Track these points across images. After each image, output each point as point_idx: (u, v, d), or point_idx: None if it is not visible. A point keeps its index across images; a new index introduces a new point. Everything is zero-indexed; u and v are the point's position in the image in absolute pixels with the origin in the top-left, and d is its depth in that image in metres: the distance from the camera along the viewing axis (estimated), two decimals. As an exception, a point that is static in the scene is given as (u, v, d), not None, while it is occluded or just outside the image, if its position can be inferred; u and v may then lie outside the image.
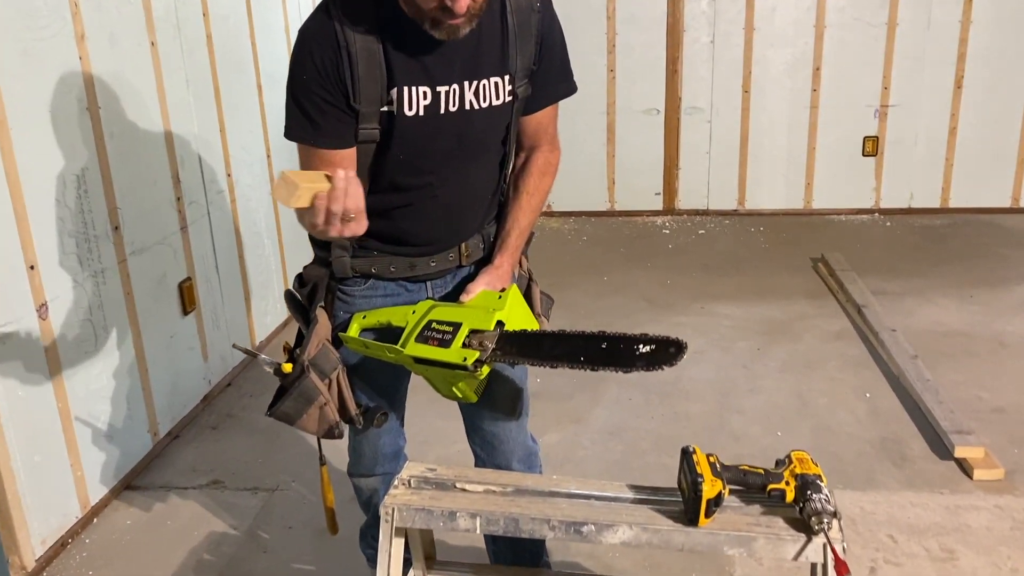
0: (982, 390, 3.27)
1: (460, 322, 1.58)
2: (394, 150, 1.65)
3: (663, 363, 1.48)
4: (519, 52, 1.67)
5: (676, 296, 4.34)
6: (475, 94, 1.65)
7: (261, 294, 3.86)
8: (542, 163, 1.80)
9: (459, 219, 1.79)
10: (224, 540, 2.58)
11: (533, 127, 1.79)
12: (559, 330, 1.60)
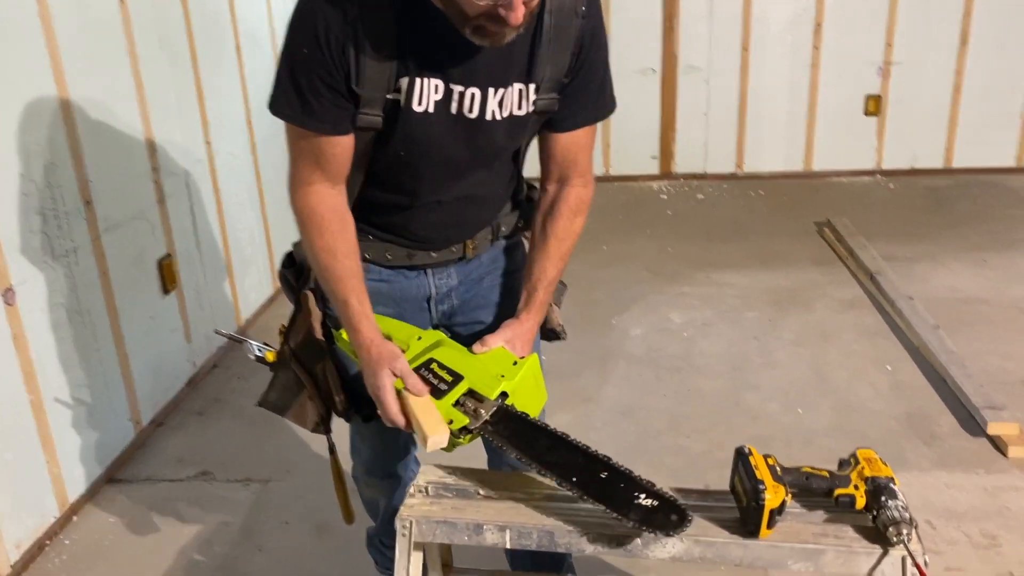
0: (1006, 360, 3.14)
1: (462, 376, 1.43)
2: (395, 145, 1.46)
3: (658, 528, 1.29)
4: (551, 60, 1.44)
5: (679, 265, 4.17)
6: (499, 103, 1.45)
7: (246, 270, 3.65)
8: (574, 202, 1.57)
9: (465, 221, 1.62)
10: (216, 538, 2.40)
11: (562, 153, 1.56)
12: (563, 433, 1.41)
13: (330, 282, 1.49)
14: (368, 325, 1.48)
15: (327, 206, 1.47)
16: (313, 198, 1.47)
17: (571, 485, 1.36)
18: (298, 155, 1.47)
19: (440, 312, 1.68)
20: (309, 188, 1.46)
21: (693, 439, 2.75)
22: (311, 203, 1.47)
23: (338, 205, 1.49)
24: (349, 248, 1.49)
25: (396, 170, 1.50)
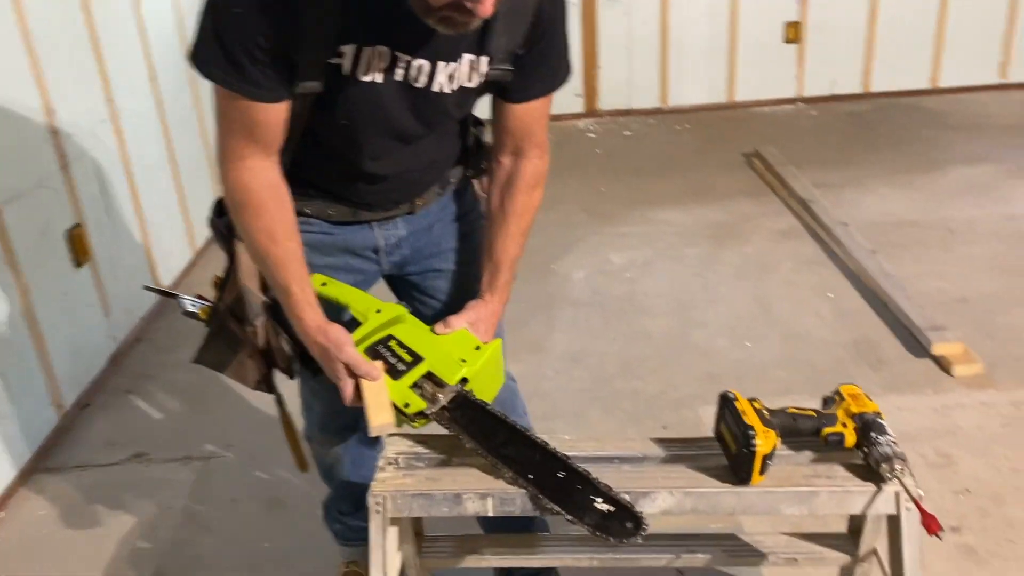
0: (942, 280, 3.19)
1: (422, 357, 1.38)
2: (337, 114, 1.34)
3: (612, 534, 1.24)
4: (505, 32, 1.33)
5: (614, 204, 4.10)
6: (448, 76, 1.34)
7: (162, 235, 3.43)
8: (531, 177, 1.49)
9: (411, 184, 1.53)
10: (159, 522, 2.26)
11: (517, 125, 1.46)
12: (523, 427, 1.35)
13: (269, 268, 1.38)
14: (312, 313, 1.39)
15: (263, 183, 1.35)
16: (247, 174, 1.34)
17: (527, 482, 1.30)
18: (228, 124, 1.32)
19: (390, 263, 1.60)
20: (242, 163, 1.33)
21: (646, 381, 2.72)
22: (244, 180, 1.34)
23: (274, 180, 1.37)
24: (289, 229, 1.38)
25: (338, 137, 1.39)
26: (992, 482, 2.17)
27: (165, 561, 2.12)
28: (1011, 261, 3.31)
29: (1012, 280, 3.16)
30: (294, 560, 2.09)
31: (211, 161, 3.96)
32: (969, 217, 3.70)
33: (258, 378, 1.59)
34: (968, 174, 4.15)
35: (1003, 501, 2.11)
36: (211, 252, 3.85)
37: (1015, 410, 2.44)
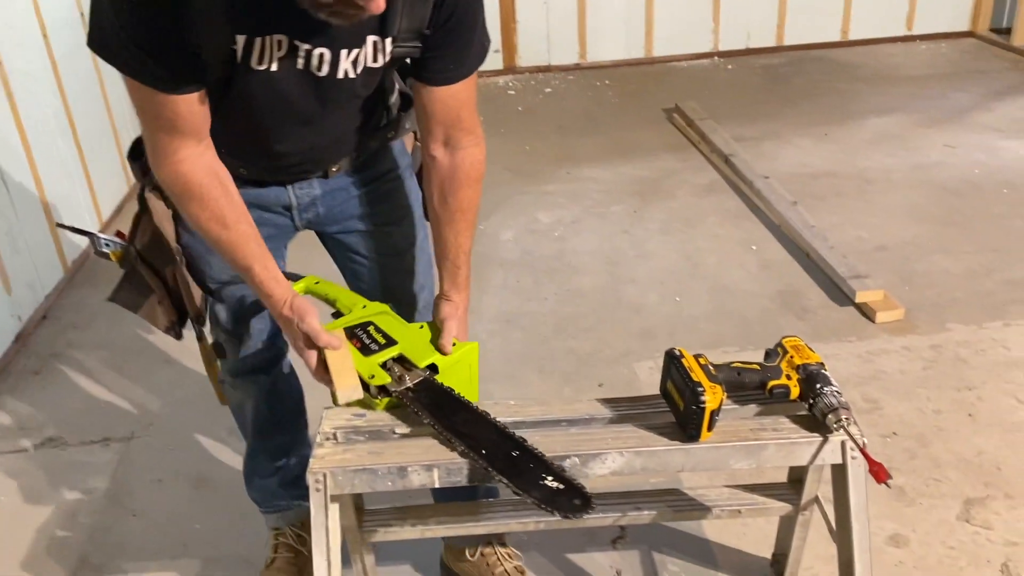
0: (860, 229, 3.26)
1: (396, 341, 1.41)
2: (235, 100, 1.28)
3: (559, 509, 1.22)
4: (407, 13, 1.27)
5: (538, 163, 4.06)
6: (352, 62, 1.28)
7: (65, 205, 3.23)
8: (471, 170, 1.44)
9: (322, 157, 1.47)
10: (80, 508, 2.15)
11: (442, 111, 1.39)
12: (484, 411, 1.34)
13: (227, 252, 1.35)
14: (279, 288, 1.36)
15: (201, 171, 1.29)
16: (183, 167, 1.28)
17: (479, 456, 1.28)
18: (151, 121, 1.25)
19: (304, 220, 1.55)
20: (174, 157, 1.28)
21: (580, 339, 2.70)
22: (182, 172, 1.29)
23: (211, 165, 1.31)
24: (238, 212, 1.33)
25: (242, 121, 1.33)
26: (917, 424, 2.24)
27: (88, 549, 2.02)
28: (925, 209, 3.40)
29: (927, 228, 3.26)
30: (225, 540, 2.02)
31: (115, 126, 3.75)
32: (884, 167, 3.79)
33: (167, 324, 1.59)
34: (881, 125, 4.25)
35: (928, 442, 2.17)
36: (121, 220, 3.66)
37: (935, 353, 2.52)
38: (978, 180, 3.60)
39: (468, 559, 1.79)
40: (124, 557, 1.99)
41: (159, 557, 1.98)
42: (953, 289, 2.85)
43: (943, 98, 4.55)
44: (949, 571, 1.80)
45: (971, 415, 2.26)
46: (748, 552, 1.89)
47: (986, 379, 2.39)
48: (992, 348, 2.53)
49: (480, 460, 1.26)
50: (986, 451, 2.13)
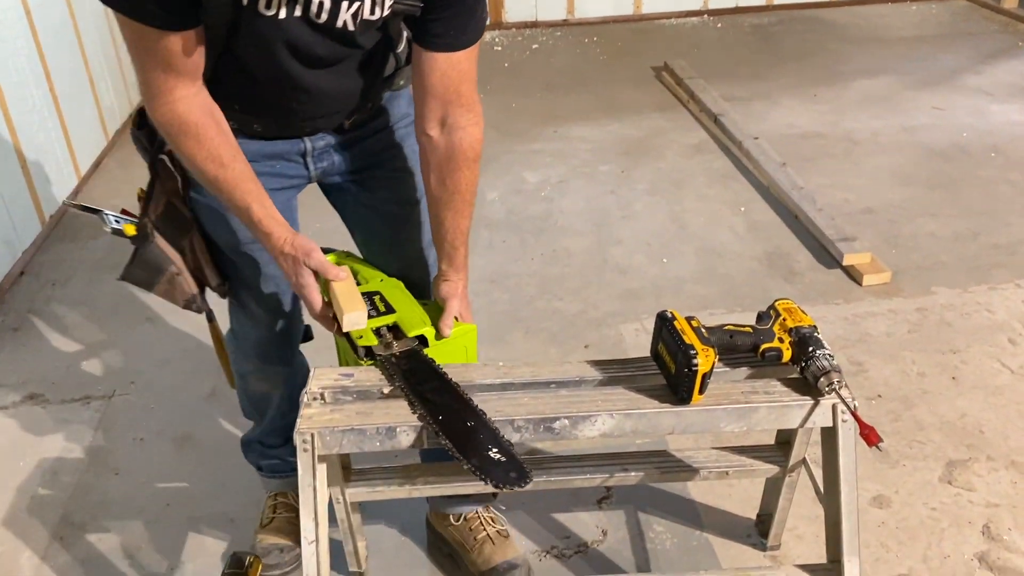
0: (848, 192, 3.25)
1: (395, 310, 1.45)
2: (243, 49, 1.25)
3: (492, 478, 1.20)
4: None
5: (525, 121, 4.01)
6: (352, 15, 1.24)
7: (42, 159, 3.16)
8: (470, 150, 1.40)
9: (334, 110, 1.43)
10: (61, 467, 2.13)
11: (442, 82, 1.33)
12: (457, 384, 1.33)
13: (223, 192, 1.32)
14: (278, 227, 1.34)
15: (197, 110, 1.26)
16: (180, 106, 1.25)
17: (434, 421, 1.26)
18: (145, 59, 1.22)
19: (319, 169, 1.52)
20: (170, 96, 1.25)
21: (566, 300, 2.69)
22: (179, 112, 1.26)
23: (207, 104, 1.28)
24: (234, 150, 1.30)
25: (254, 67, 1.29)
26: (901, 387, 2.25)
27: (71, 507, 2.00)
28: (912, 171, 3.39)
29: (914, 190, 3.25)
30: (208, 499, 2.00)
31: (92, 77, 3.66)
32: (872, 129, 3.77)
33: (188, 297, 1.53)
34: (869, 86, 4.22)
35: (912, 404, 2.18)
36: (100, 175, 3.59)
37: (920, 316, 2.53)
38: (966, 143, 3.59)
39: (452, 523, 1.79)
40: (107, 515, 1.97)
41: (142, 516, 1.97)
42: (939, 252, 2.85)
43: (933, 60, 4.52)
44: (931, 532, 1.82)
45: (955, 378, 2.27)
46: (733, 513, 1.90)
47: (970, 342, 2.40)
48: (977, 312, 2.54)
49: (433, 424, 1.26)
50: (969, 414, 2.14)
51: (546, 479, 1.62)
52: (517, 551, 1.76)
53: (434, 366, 1.36)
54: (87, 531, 1.93)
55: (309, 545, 1.30)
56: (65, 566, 1.84)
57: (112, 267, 2.92)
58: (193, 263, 1.52)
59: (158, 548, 1.88)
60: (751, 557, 1.79)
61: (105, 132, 3.78)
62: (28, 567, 1.84)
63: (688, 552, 1.81)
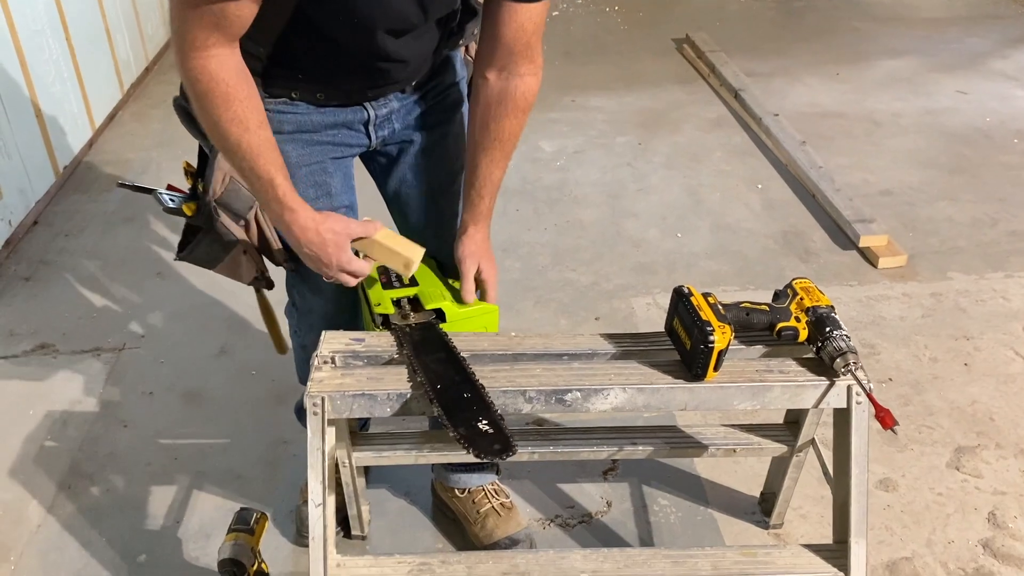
0: (867, 173, 3.22)
1: (418, 284, 1.48)
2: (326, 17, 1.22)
3: (476, 448, 1.19)
4: None
5: (543, 89, 3.86)
6: None
7: (57, 110, 3.15)
8: (522, 99, 1.38)
9: (412, 66, 1.39)
10: (70, 418, 2.14)
11: (514, 34, 1.30)
12: (463, 357, 1.31)
13: (246, 159, 1.25)
14: (303, 205, 1.29)
15: (230, 70, 1.21)
16: (213, 63, 1.20)
17: (432, 389, 1.25)
18: (191, 15, 1.17)
19: (380, 137, 1.49)
20: (206, 52, 1.19)
21: (579, 272, 2.68)
22: (211, 69, 1.20)
23: (240, 67, 1.23)
24: (261, 117, 1.25)
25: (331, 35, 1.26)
26: (913, 371, 2.23)
27: (79, 457, 2.01)
28: (933, 155, 3.35)
29: (933, 173, 3.21)
30: (216, 454, 2.01)
31: (109, 28, 3.63)
32: (894, 110, 3.72)
33: (256, 274, 1.51)
34: (893, 67, 4.16)
35: (923, 389, 2.17)
36: (114, 128, 3.58)
37: (935, 301, 2.51)
38: (989, 128, 3.54)
39: (457, 495, 1.79)
40: (114, 467, 1.98)
41: (149, 469, 1.98)
42: (956, 237, 2.82)
43: (958, 42, 4.45)
44: (936, 517, 1.82)
45: (967, 364, 2.25)
46: (737, 490, 1.90)
47: (984, 329, 2.38)
48: (992, 299, 2.51)
49: (430, 392, 1.25)
50: (980, 400, 2.13)
51: (553, 450, 1.61)
52: (520, 524, 1.76)
53: (444, 338, 1.36)
54: (95, 482, 1.94)
55: (316, 508, 1.30)
56: (72, 516, 1.86)
57: (125, 220, 2.91)
58: (259, 240, 1.48)
59: (165, 501, 1.89)
60: (755, 535, 1.79)
61: (121, 85, 3.76)
62: (35, 516, 1.86)
63: (692, 527, 1.81)
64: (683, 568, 1.35)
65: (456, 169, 1.55)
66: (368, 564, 1.37)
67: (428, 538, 1.81)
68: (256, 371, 2.26)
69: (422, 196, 1.56)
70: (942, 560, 1.72)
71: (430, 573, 1.35)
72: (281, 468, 1.97)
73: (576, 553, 1.39)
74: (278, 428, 2.06)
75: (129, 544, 1.79)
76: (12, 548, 1.78)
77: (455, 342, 1.35)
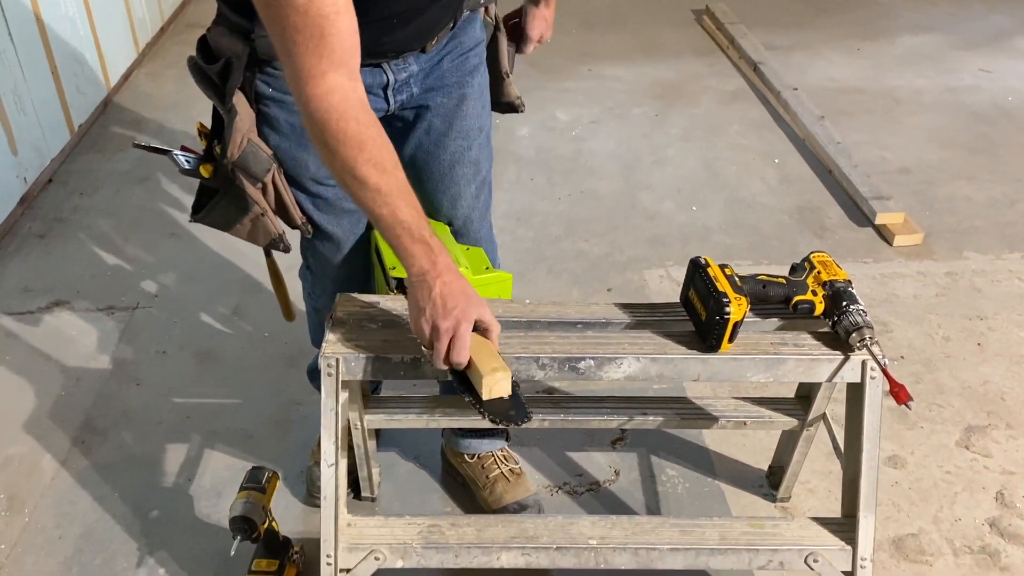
0: (885, 150, 3.19)
1: None
2: None
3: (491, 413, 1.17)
4: None
5: (560, 58, 3.93)
6: None
7: (72, 66, 3.14)
8: None
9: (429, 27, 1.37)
10: (84, 374, 2.16)
11: None
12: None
13: (385, 204, 1.16)
14: (444, 252, 1.19)
15: (356, 105, 1.15)
16: (335, 97, 1.13)
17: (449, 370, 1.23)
18: (293, 35, 1.10)
19: (398, 102, 1.47)
20: (324, 83, 1.13)
21: (592, 243, 2.67)
22: (335, 104, 1.13)
23: (365, 102, 1.17)
24: (395, 156, 1.19)
25: None
26: (925, 349, 2.23)
27: (93, 413, 2.03)
28: (952, 133, 3.31)
29: (953, 152, 3.18)
30: (228, 414, 2.03)
31: (123, -13, 3.61)
32: (915, 87, 3.67)
33: (274, 237, 1.46)
34: (915, 43, 4.10)
35: (934, 367, 2.17)
36: (129, 87, 3.57)
37: (950, 280, 2.49)
38: (1011, 108, 3.49)
39: (466, 460, 1.80)
40: (127, 424, 2.00)
41: (162, 427, 2.00)
42: (974, 217, 2.80)
43: (983, 20, 4.38)
44: (944, 495, 1.82)
45: (980, 344, 2.25)
46: (745, 463, 1.90)
47: (999, 310, 2.37)
48: (1008, 279, 2.50)
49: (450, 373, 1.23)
50: (992, 381, 2.12)
51: (564, 418, 1.62)
52: (529, 490, 1.77)
53: None
54: (108, 439, 1.96)
55: (329, 468, 1.31)
56: (85, 471, 1.88)
57: (139, 181, 2.92)
58: (276, 202, 1.45)
59: (177, 459, 1.91)
60: (762, 507, 1.80)
61: (136, 44, 3.74)
62: (49, 470, 1.88)
63: (699, 498, 1.82)
64: (691, 537, 1.36)
65: (474, 136, 1.54)
66: (378, 524, 1.39)
67: (437, 501, 1.82)
68: (268, 333, 2.27)
69: (439, 163, 1.55)
70: (948, 537, 1.73)
71: (440, 535, 1.37)
72: (292, 429, 1.98)
73: (585, 519, 1.40)
74: (289, 390, 2.08)
75: (142, 500, 1.81)
76: (27, 500, 1.81)
77: None
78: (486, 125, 1.58)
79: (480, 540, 1.36)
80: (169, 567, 1.67)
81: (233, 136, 1.34)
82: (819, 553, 1.35)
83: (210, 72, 1.34)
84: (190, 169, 1.43)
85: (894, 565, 1.67)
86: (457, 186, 1.57)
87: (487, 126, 1.59)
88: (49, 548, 1.71)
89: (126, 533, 1.73)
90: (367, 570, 1.36)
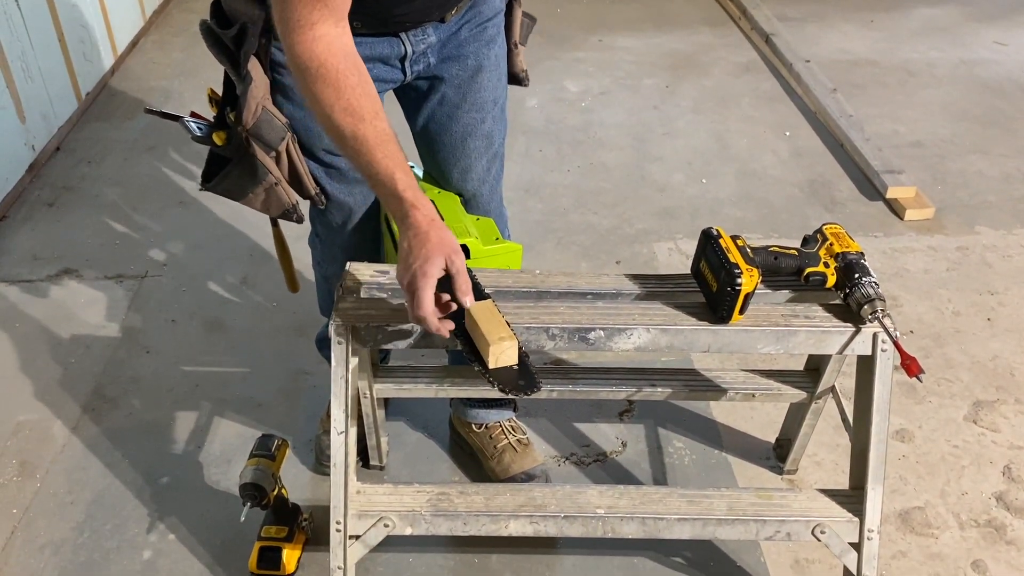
0: (898, 123, 3.16)
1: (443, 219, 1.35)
2: None
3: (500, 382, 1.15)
4: None
5: (570, 27, 3.89)
6: None
7: (79, 33, 3.12)
8: None
9: None
10: (94, 342, 2.16)
11: None
12: (488, 293, 1.25)
13: (362, 153, 1.18)
14: (425, 199, 1.19)
15: (339, 53, 1.16)
16: (320, 45, 1.15)
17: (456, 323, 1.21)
18: None
19: (415, 72, 1.46)
20: (312, 32, 1.14)
21: (601, 215, 2.66)
22: (318, 53, 1.15)
23: (349, 49, 1.18)
24: (376, 105, 1.19)
25: None
26: (935, 324, 2.22)
27: (103, 381, 2.04)
28: (966, 107, 3.28)
29: (966, 126, 3.15)
30: (237, 382, 2.04)
31: (130, -47, 3.57)
32: (928, 60, 3.63)
33: (287, 207, 1.45)
34: (930, 15, 4.06)
35: (944, 342, 2.16)
36: (136, 55, 3.55)
37: (960, 255, 2.48)
38: (1026, 81, 3.46)
39: (474, 430, 1.81)
40: (137, 392, 2.01)
41: (171, 395, 2.01)
42: (986, 192, 2.78)
43: (999, -9, 4.33)
44: (951, 468, 1.82)
45: (990, 319, 2.24)
46: (752, 435, 1.91)
47: (1009, 285, 2.36)
48: (1019, 254, 2.48)
49: (457, 329, 1.22)
50: (1001, 356, 2.12)
51: (572, 389, 1.62)
52: (536, 460, 1.78)
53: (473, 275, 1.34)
54: (118, 406, 1.97)
55: (339, 436, 1.31)
56: (95, 437, 1.89)
57: (147, 149, 2.91)
58: (289, 172, 1.43)
59: (187, 426, 1.92)
60: (768, 479, 1.81)
61: (143, 12, 3.72)
62: (60, 436, 1.89)
63: (706, 469, 1.83)
64: (699, 507, 1.37)
65: (488, 108, 1.53)
66: (387, 492, 1.39)
67: (445, 470, 1.83)
68: (277, 302, 2.27)
69: (451, 135, 1.54)
70: (955, 511, 1.73)
71: (448, 502, 1.37)
72: (300, 398, 1.99)
73: (592, 489, 1.41)
74: (298, 359, 2.08)
75: (152, 466, 1.82)
76: (38, 466, 1.82)
77: (479, 278, 1.34)
78: (501, 98, 1.56)
79: (488, 508, 1.37)
80: (179, 532, 1.68)
81: (248, 103, 1.32)
82: (826, 524, 1.35)
83: (224, 37, 1.33)
84: (202, 136, 1.41)
85: (900, 537, 1.68)
86: (469, 158, 1.56)
87: (502, 99, 1.57)
88: (61, 513, 1.72)
89: (136, 499, 1.75)
90: (376, 537, 1.37)
